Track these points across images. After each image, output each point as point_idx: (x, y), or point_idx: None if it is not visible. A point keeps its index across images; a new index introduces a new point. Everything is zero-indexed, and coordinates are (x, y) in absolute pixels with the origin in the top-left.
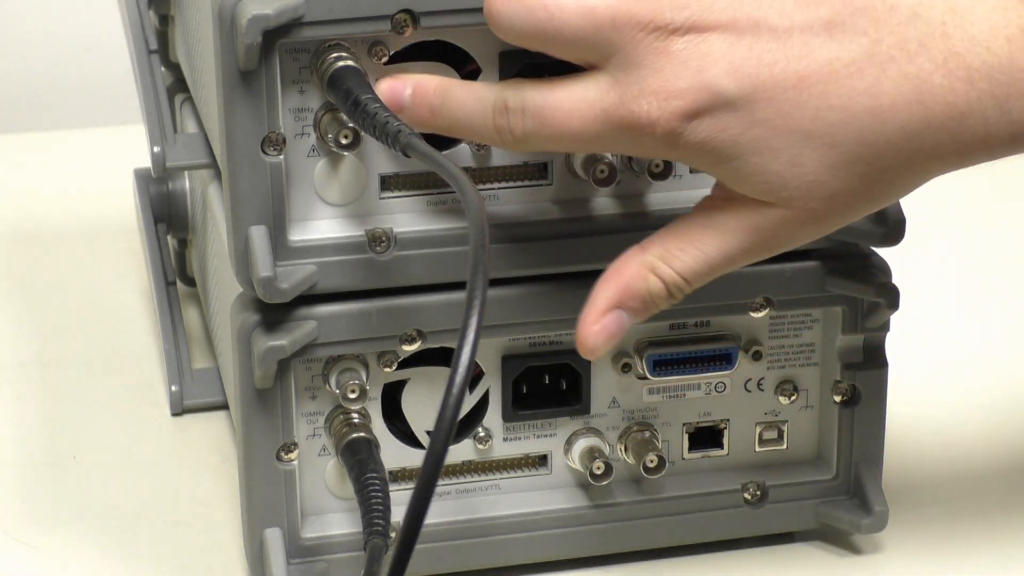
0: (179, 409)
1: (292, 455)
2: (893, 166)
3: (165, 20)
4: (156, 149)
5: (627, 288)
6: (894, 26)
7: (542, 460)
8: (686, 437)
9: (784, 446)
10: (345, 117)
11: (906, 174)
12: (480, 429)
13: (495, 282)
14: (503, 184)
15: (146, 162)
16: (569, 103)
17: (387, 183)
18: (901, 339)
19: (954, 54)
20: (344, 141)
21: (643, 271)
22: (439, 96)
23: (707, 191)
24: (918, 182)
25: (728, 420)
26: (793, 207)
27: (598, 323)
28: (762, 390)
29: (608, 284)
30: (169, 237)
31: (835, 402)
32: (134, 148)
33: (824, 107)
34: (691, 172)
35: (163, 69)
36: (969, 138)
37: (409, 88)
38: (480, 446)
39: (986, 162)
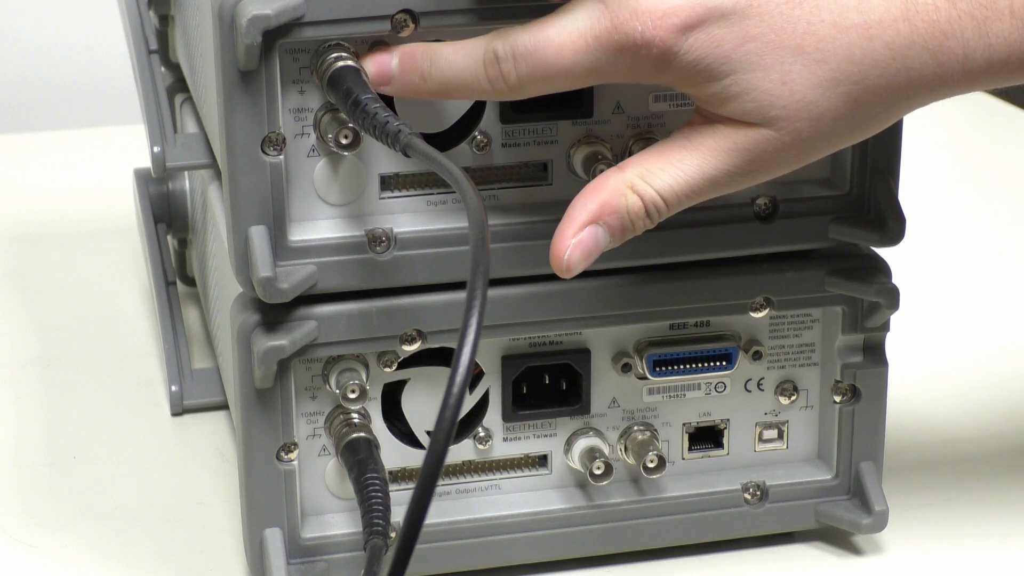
0: (179, 409)
1: (292, 455)
2: (877, 86)
3: (165, 20)
4: (156, 149)
5: (605, 204)
6: None
7: (542, 460)
8: (686, 437)
9: (784, 446)
10: (345, 117)
11: (888, 98)
12: (480, 429)
13: (495, 282)
14: (503, 184)
15: (146, 162)
16: (560, 38)
17: (387, 183)
18: (901, 339)
19: None
20: (344, 141)
21: (622, 187)
22: (427, 60)
23: None
24: (898, 110)
25: (728, 420)
26: (779, 128)
27: (575, 237)
28: (762, 390)
29: (586, 199)
30: (169, 237)
31: (835, 402)
32: (134, 148)
33: (816, 22)
34: None
35: (163, 69)
36: (949, 59)
37: (395, 58)
38: (480, 446)
39: (963, 92)
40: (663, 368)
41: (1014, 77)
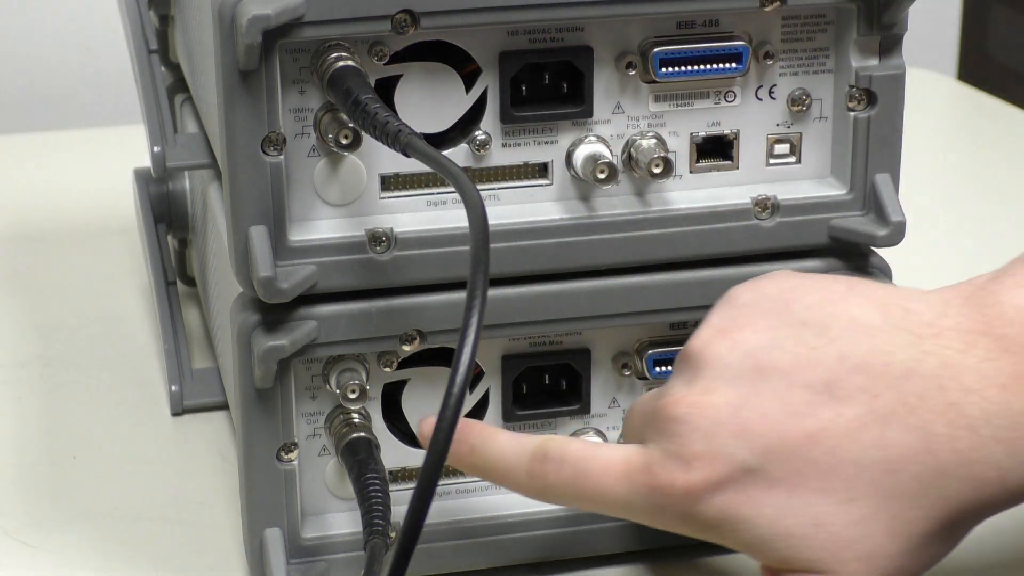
0: (179, 409)
1: (292, 455)
2: (916, 518)
3: (165, 20)
4: (156, 149)
5: None
6: (892, 381)
7: None
8: None
9: None
10: (345, 117)
11: (933, 526)
12: None
13: (495, 282)
14: (503, 184)
15: (146, 162)
16: (605, 459)
17: (387, 183)
18: None
19: (952, 404)
20: (344, 141)
21: None
22: (481, 437)
23: (708, 190)
24: (954, 533)
25: None
26: (835, 571)
27: None
28: None
29: None
30: (169, 237)
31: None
32: (134, 148)
33: (836, 462)
34: (691, 172)
35: (163, 69)
36: (985, 484)
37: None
38: None
39: (1016, 505)
40: (663, 368)
41: None
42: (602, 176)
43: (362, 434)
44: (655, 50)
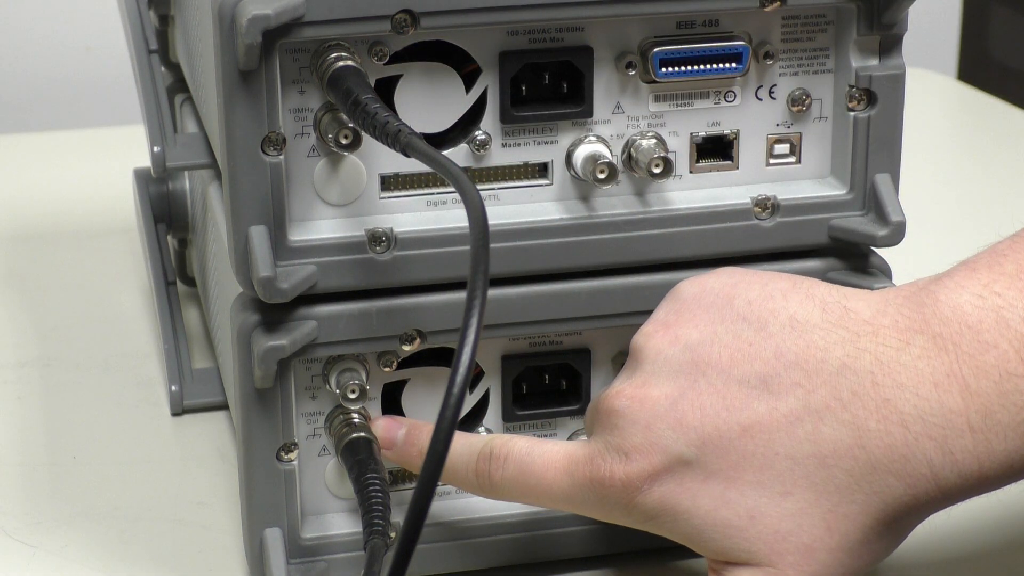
0: (179, 409)
1: (292, 455)
2: (852, 513)
3: (165, 20)
4: (156, 149)
5: None
6: (826, 377)
7: None
8: None
9: None
10: (345, 117)
11: (871, 521)
12: (480, 429)
13: (495, 282)
14: (503, 184)
15: (146, 162)
16: (548, 455)
17: (387, 183)
18: None
19: (885, 401)
20: (344, 141)
21: None
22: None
23: (708, 190)
24: (894, 530)
25: None
26: (774, 564)
27: None
28: None
29: None
30: (169, 237)
31: None
32: (134, 148)
33: (771, 455)
34: (691, 172)
35: (163, 69)
36: (918, 480)
37: (403, 429)
38: None
39: (952, 504)
40: None
41: (1002, 484)
42: (602, 176)
43: (362, 434)
44: (655, 50)
